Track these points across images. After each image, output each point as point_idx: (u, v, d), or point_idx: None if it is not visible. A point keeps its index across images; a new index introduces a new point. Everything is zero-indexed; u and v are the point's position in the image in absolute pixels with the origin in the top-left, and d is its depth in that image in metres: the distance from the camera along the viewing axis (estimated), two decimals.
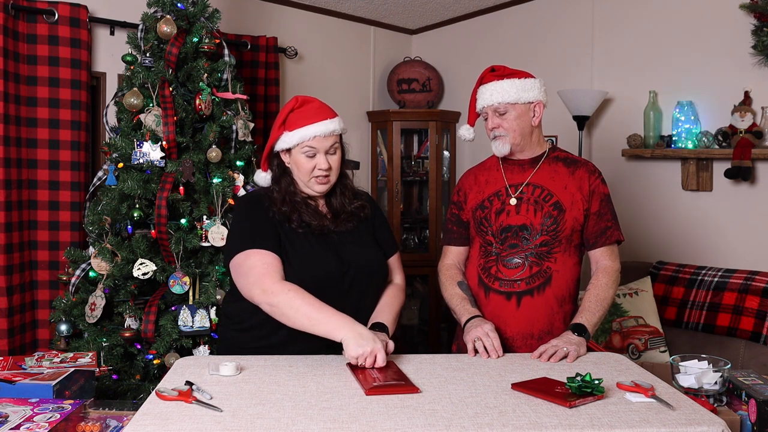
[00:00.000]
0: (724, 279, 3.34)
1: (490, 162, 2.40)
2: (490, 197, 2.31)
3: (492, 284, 2.25)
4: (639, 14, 3.96)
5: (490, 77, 2.27)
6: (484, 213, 2.29)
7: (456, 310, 2.26)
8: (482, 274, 2.28)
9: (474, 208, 2.33)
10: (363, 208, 2.17)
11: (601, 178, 2.31)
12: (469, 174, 2.43)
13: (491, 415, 1.50)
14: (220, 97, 2.96)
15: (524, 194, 2.27)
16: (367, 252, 2.12)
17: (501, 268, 2.24)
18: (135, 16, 3.06)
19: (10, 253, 3.03)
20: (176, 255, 2.75)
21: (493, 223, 2.26)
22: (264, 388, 1.67)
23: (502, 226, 2.25)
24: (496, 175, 2.34)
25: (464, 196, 2.39)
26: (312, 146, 2.03)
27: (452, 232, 2.41)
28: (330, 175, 2.08)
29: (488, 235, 2.27)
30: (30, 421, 1.63)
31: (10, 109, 3.02)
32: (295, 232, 2.04)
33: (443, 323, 4.74)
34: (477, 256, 2.33)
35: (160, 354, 2.70)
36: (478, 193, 2.34)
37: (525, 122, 2.26)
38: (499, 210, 2.27)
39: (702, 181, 3.66)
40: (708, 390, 1.91)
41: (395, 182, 4.62)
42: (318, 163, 2.04)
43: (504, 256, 2.24)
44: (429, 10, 4.62)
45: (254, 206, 2.08)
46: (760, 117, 3.44)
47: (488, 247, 2.29)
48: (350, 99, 4.68)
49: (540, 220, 2.22)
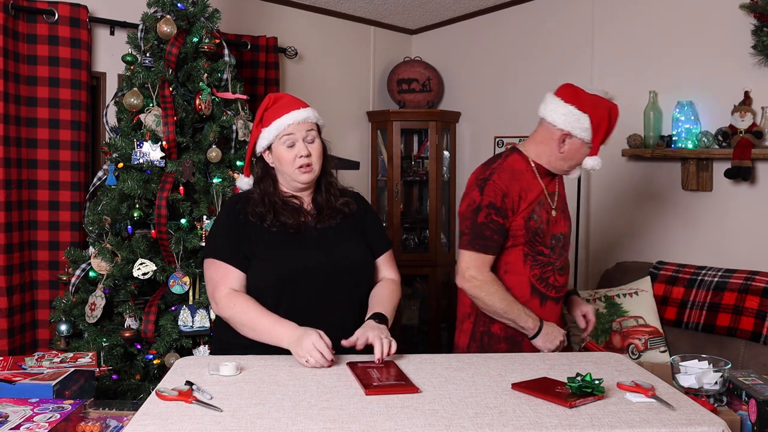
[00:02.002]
0: (724, 279, 3.34)
1: (520, 165, 2.31)
2: (535, 206, 2.28)
3: (549, 292, 2.31)
4: (639, 14, 3.96)
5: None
6: (537, 223, 2.27)
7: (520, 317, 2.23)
8: (538, 284, 2.29)
9: (527, 218, 2.25)
10: (348, 204, 2.17)
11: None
12: (511, 179, 2.26)
13: (491, 415, 1.50)
14: (220, 97, 2.96)
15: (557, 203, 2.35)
16: (348, 247, 2.11)
17: (557, 277, 2.32)
18: (135, 16, 3.06)
19: (10, 253, 3.03)
20: (176, 255, 2.75)
21: (546, 233, 2.28)
22: (264, 388, 1.67)
23: (553, 235, 2.30)
24: (531, 181, 2.30)
25: (513, 203, 2.24)
26: (289, 134, 2.05)
27: (492, 240, 2.23)
28: (312, 163, 2.07)
29: (541, 245, 2.28)
30: (30, 421, 1.63)
31: (10, 109, 3.02)
32: (269, 231, 2.05)
33: (443, 323, 4.74)
34: (525, 266, 2.28)
35: (160, 354, 2.70)
36: (528, 202, 2.27)
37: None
38: (547, 219, 2.29)
39: (702, 181, 3.66)
40: (708, 390, 1.91)
41: (395, 182, 4.62)
42: (298, 150, 2.05)
43: (557, 265, 2.32)
44: (429, 10, 4.62)
45: (226, 212, 2.14)
46: (760, 117, 3.44)
47: (539, 256, 2.28)
48: (350, 99, 4.68)
49: (568, 227, 2.39)
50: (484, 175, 2.28)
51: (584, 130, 2.23)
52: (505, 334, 2.30)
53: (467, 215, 2.27)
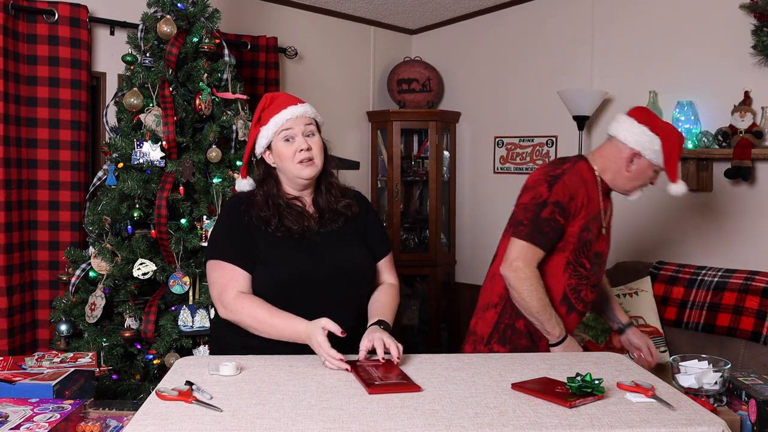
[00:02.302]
0: (724, 279, 3.34)
1: (588, 175, 2.31)
2: (591, 220, 2.29)
3: (577, 305, 2.33)
4: (639, 14, 3.96)
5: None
6: (588, 236, 2.28)
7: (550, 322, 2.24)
8: (571, 294, 2.31)
9: (582, 227, 2.26)
10: (350, 206, 2.14)
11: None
12: (580, 184, 2.27)
13: (491, 415, 1.50)
14: (220, 97, 2.96)
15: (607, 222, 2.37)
16: (350, 251, 2.09)
17: (588, 292, 2.34)
18: (135, 16, 3.06)
19: (10, 253, 3.03)
20: (176, 255, 2.75)
21: (592, 248, 2.30)
22: (264, 388, 1.67)
23: (596, 252, 2.32)
24: (593, 192, 2.31)
25: (576, 208, 2.25)
26: (288, 128, 2.04)
27: (548, 238, 2.25)
28: (314, 158, 2.05)
29: (584, 258, 2.29)
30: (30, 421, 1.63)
31: (10, 109, 3.02)
32: (273, 235, 2.03)
33: (443, 323, 4.74)
34: (563, 273, 2.29)
35: (160, 354, 2.70)
36: (587, 212, 2.27)
37: None
38: (596, 235, 2.30)
39: (702, 181, 3.66)
40: (708, 390, 1.91)
41: (395, 182, 4.62)
42: (298, 144, 2.03)
43: (592, 281, 2.33)
44: (429, 10, 4.62)
45: (229, 212, 2.10)
46: (760, 117, 3.44)
47: (580, 268, 2.29)
48: (350, 99, 4.68)
49: (608, 249, 2.41)
50: (555, 172, 2.28)
51: (654, 152, 2.26)
52: (528, 331, 2.32)
53: (530, 208, 2.26)
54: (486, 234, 4.62)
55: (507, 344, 2.35)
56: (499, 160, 4.60)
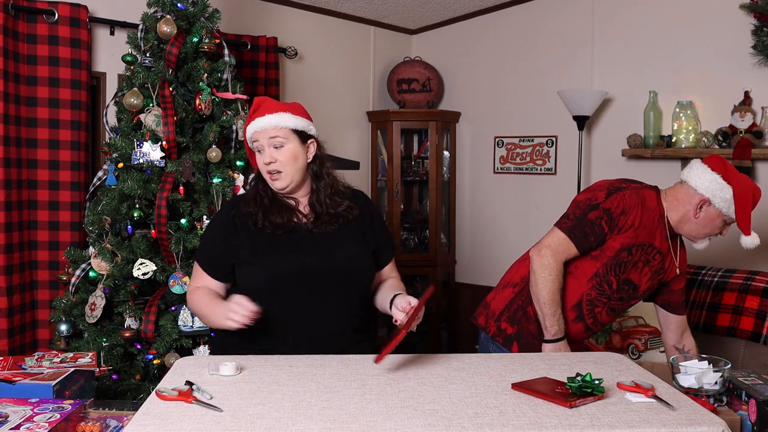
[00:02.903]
0: (724, 279, 3.34)
1: (651, 204, 2.31)
2: (637, 246, 2.27)
3: (588, 318, 2.32)
4: (639, 14, 3.96)
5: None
6: (627, 258, 2.27)
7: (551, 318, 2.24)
8: (585, 305, 2.31)
9: (624, 247, 2.26)
10: (350, 209, 2.11)
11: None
12: (638, 205, 2.28)
13: (491, 415, 1.50)
14: (220, 97, 2.96)
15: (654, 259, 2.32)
16: (345, 250, 2.06)
17: (604, 312, 2.33)
18: (135, 16, 3.06)
19: (10, 253, 3.03)
20: (176, 255, 2.75)
21: (625, 271, 2.29)
22: (264, 388, 1.67)
23: (627, 279, 2.30)
24: (651, 225, 2.29)
25: (624, 223, 2.25)
26: (255, 140, 2.04)
27: (588, 241, 2.26)
28: (280, 170, 2.02)
29: (613, 276, 2.28)
30: (30, 421, 1.63)
31: (10, 109, 3.02)
32: (262, 232, 2.04)
33: (443, 323, 4.75)
34: (588, 282, 2.30)
35: (160, 354, 2.70)
36: (635, 235, 2.26)
37: None
38: (635, 263, 2.29)
39: None
40: (708, 390, 1.91)
41: (395, 182, 4.62)
42: (264, 157, 2.02)
43: (612, 304, 2.32)
44: (429, 10, 4.63)
45: (219, 218, 2.17)
46: (760, 117, 3.44)
47: (605, 286, 2.29)
48: (350, 99, 4.68)
49: (645, 288, 2.35)
50: (620, 185, 2.32)
51: (725, 200, 2.24)
52: (536, 318, 2.33)
53: (581, 206, 2.29)
54: (486, 234, 4.62)
55: (515, 324, 2.37)
56: (499, 160, 4.60)
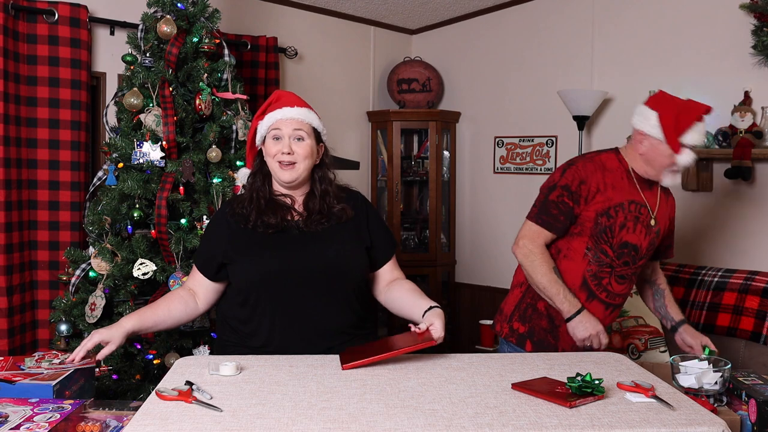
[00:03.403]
0: (724, 279, 3.34)
1: (612, 163, 2.35)
2: (616, 207, 2.30)
3: (599, 293, 2.33)
4: (639, 14, 3.96)
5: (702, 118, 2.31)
6: (609, 222, 2.29)
7: (555, 298, 2.27)
8: (591, 281, 2.32)
9: (599, 212, 2.29)
10: (344, 211, 2.11)
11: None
12: (595, 170, 2.32)
13: (491, 415, 1.50)
14: (220, 97, 2.96)
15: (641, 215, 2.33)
16: (336, 249, 2.06)
17: (613, 281, 2.34)
18: (135, 16, 3.06)
19: (10, 253, 3.03)
20: (176, 255, 2.75)
21: (615, 235, 2.29)
22: (264, 388, 1.67)
23: (622, 241, 2.30)
24: (621, 183, 2.33)
25: (588, 192, 2.30)
26: (277, 128, 2.05)
27: (557, 220, 2.32)
28: (296, 162, 2.04)
29: (605, 244, 2.30)
30: (30, 421, 1.63)
31: (10, 109, 3.02)
32: (253, 231, 2.05)
33: None
34: (584, 259, 2.33)
35: (160, 354, 2.70)
36: (605, 198, 2.30)
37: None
38: (622, 224, 2.30)
39: (702, 181, 3.66)
40: (708, 390, 1.91)
41: (395, 182, 4.62)
42: (282, 145, 2.04)
43: (618, 271, 2.33)
44: (429, 10, 4.62)
45: (215, 219, 2.20)
46: (760, 117, 3.44)
47: (602, 255, 2.31)
48: (350, 99, 4.68)
49: (647, 243, 2.36)
50: (573, 160, 2.38)
51: (653, 126, 2.27)
52: (547, 312, 2.36)
53: (543, 191, 2.37)
54: (486, 234, 4.62)
55: (527, 323, 2.39)
56: (499, 160, 4.60)
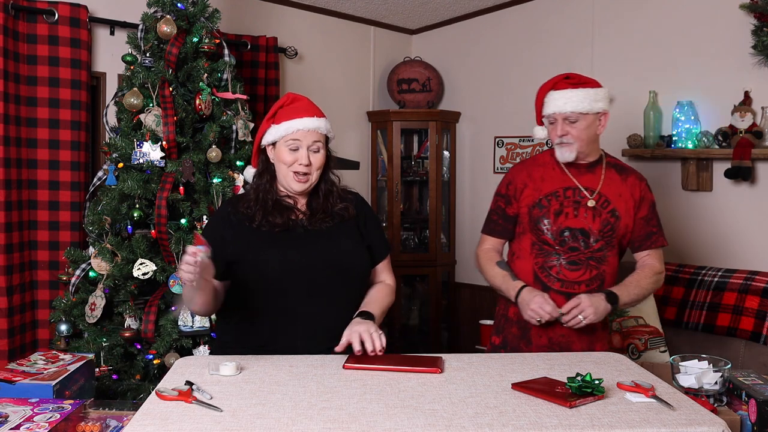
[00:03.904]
0: (724, 279, 3.34)
1: (544, 159, 2.41)
2: (548, 196, 2.32)
3: (552, 284, 2.31)
4: (639, 14, 3.96)
5: (564, 84, 2.33)
6: (542, 212, 2.31)
7: (502, 287, 2.35)
8: (540, 273, 2.32)
9: (530, 206, 2.34)
10: (346, 209, 2.14)
11: (649, 186, 2.42)
12: (522, 168, 2.42)
13: (491, 415, 1.50)
14: (220, 97, 2.96)
15: (582, 198, 2.32)
16: (340, 245, 2.08)
17: (562, 269, 2.31)
18: (135, 16, 3.06)
19: (10, 253, 3.03)
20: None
21: (552, 223, 2.30)
22: (264, 388, 1.67)
23: (561, 228, 2.30)
24: (552, 173, 2.36)
25: (515, 191, 2.38)
26: (296, 139, 2.04)
27: (497, 224, 2.44)
28: (310, 173, 2.06)
29: (545, 234, 2.31)
30: (30, 421, 1.63)
31: (10, 109, 3.02)
32: (257, 230, 2.05)
33: (443, 323, 4.74)
34: (531, 253, 2.35)
35: (160, 354, 2.70)
36: (534, 191, 2.35)
37: (592, 131, 2.32)
38: (558, 211, 2.30)
39: (702, 181, 3.66)
40: (708, 390, 1.91)
41: (395, 182, 4.62)
42: (299, 157, 2.04)
43: (565, 257, 2.31)
44: (429, 10, 4.62)
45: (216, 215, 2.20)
46: (760, 117, 3.44)
47: (545, 246, 2.32)
48: (350, 99, 4.68)
49: (599, 225, 2.31)
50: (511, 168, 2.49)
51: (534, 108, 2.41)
52: (517, 319, 2.36)
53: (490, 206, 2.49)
54: None
55: (501, 333, 2.41)
56: (499, 160, 4.60)
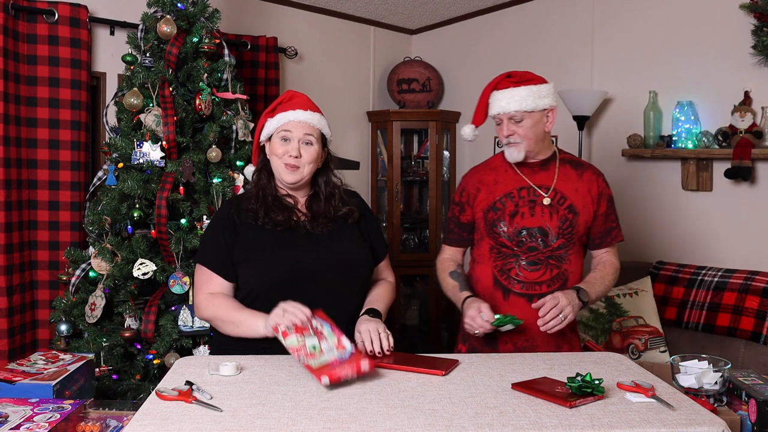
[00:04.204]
0: (724, 279, 3.34)
1: (496, 162, 2.38)
2: (502, 198, 2.28)
3: (512, 287, 2.27)
4: (639, 14, 3.96)
5: (507, 83, 2.24)
6: (497, 215, 2.27)
7: (453, 299, 2.33)
8: (500, 276, 2.28)
9: (485, 210, 2.30)
10: (351, 213, 2.16)
11: (606, 181, 2.37)
12: (473, 174, 2.39)
13: (491, 415, 1.50)
14: (220, 97, 2.96)
15: (537, 197, 2.27)
16: (345, 245, 2.10)
17: (521, 270, 2.26)
18: (135, 16, 3.06)
19: (10, 253, 3.03)
20: (176, 255, 2.75)
21: (508, 225, 2.26)
22: (264, 388, 1.67)
23: (518, 229, 2.25)
24: (504, 175, 2.32)
25: (468, 197, 2.35)
26: (287, 130, 2.06)
27: (452, 232, 2.42)
28: (300, 166, 2.06)
29: (502, 237, 2.26)
30: (30, 421, 1.63)
31: (10, 109, 3.02)
32: (262, 230, 2.06)
33: (443, 323, 4.74)
34: (490, 257, 2.31)
35: (160, 354, 2.70)
36: (487, 194, 2.31)
37: (540, 129, 2.26)
38: (513, 212, 2.26)
39: (702, 181, 3.66)
40: (708, 390, 1.91)
41: (395, 182, 4.62)
42: (290, 148, 2.05)
43: (523, 258, 2.25)
44: (429, 10, 4.62)
45: (218, 216, 2.16)
46: (760, 117, 3.44)
47: (503, 249, 2.28)
48: (350, 99, 4.68)
49: (556, 223, 2.25)
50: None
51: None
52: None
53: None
54: None
55: (466, 342, 2.39)
56: None
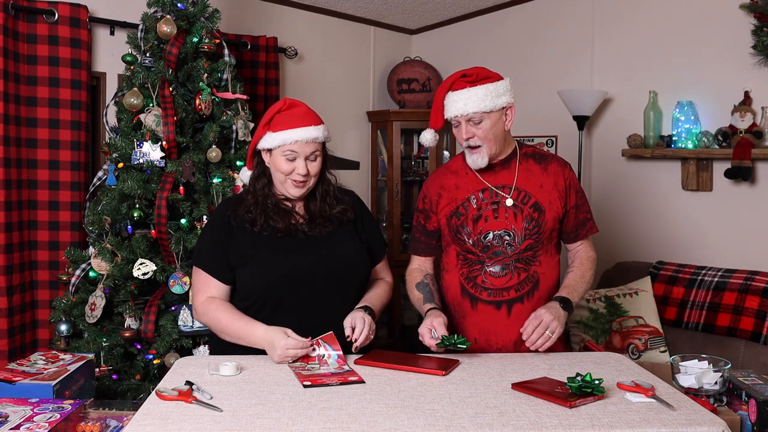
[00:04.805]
0: (724, 279, 3.34)
1: (456, 165, 2.26)
2: (464, 203, 2.19)
3: (479, 294, 2.18)
4: (639, 14, 3.96)
5: (462, 83, 2.10)
6: (460, 221, 2.18)
7: (420, 311, 2.25)
8: (466, 284, 2.20)
9: (448, 216, 2.20)
10: (345, 212, 2.14)
11: (573, 170, 2.26)
12: (434, 179, 2.28)
13: (491, 415, 1.50)
14: (220, 97, 2.96)
15: (500, 198, 2.17)
16: (343, 248, 2.10)
17: (488, 277, 2.16)
18: (135, 16, 3.05)
19: (10, 253, 3.03)
20: (176, 255, 2.75)
21: (471, 231, 2.16)
22: (264, 388, 1.67)
23: (482, 233, 2.15)
24: (465, 179, 2.22)
25: (431, 204, 2.26)
26: (293, 150, 2.02)
27: (419, 242, 2.33)
28: (307, 180, 2.06)
29: (467, 243, 2.17)
30: (30, 421, 1.63)
31: (10, 109, 3.02)
32: (259, 235, 2.05)
33: None
34: (456, 264, 2.22)
35: (160, 354, 2.70)
36: (450, 201, 2.21)
37: (499, 128, 2.13)
38: (476, 216, 2.16)
39: (702, 181, 3.66)
40: (708, 390, 1.91)
41: (395, 182, 4.62)
42: (297, 167, 2.03)
43: (489, 264, 2.15)
44: (429, 10, 4.62)
45: (214, 219, 2.16)
46: (760, 117, 3.44)
47: (468, 255, 2.18)
48: (350, 99, 4.68)
49: (521, 224, 2.14)
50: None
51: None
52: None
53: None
54: None
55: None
56: None
